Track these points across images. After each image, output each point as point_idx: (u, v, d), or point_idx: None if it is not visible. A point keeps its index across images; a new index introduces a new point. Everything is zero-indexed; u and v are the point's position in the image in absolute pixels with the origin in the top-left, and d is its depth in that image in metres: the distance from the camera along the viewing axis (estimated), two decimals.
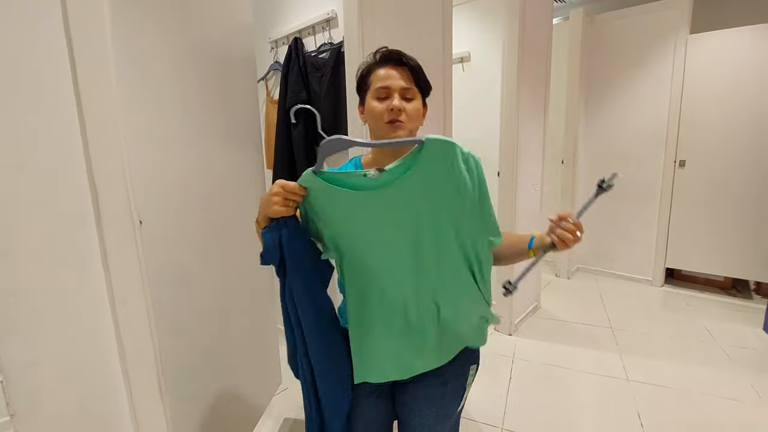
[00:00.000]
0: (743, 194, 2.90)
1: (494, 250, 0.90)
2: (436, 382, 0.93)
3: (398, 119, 0.87)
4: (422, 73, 0.93)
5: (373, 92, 0.89)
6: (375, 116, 0.89)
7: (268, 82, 2.21)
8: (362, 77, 0.93)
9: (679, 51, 3.00)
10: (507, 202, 2.46)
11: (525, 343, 2.47)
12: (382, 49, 0.92)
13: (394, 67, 0.89)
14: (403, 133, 0.88)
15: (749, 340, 2.46)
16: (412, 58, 0.91)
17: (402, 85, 0.88)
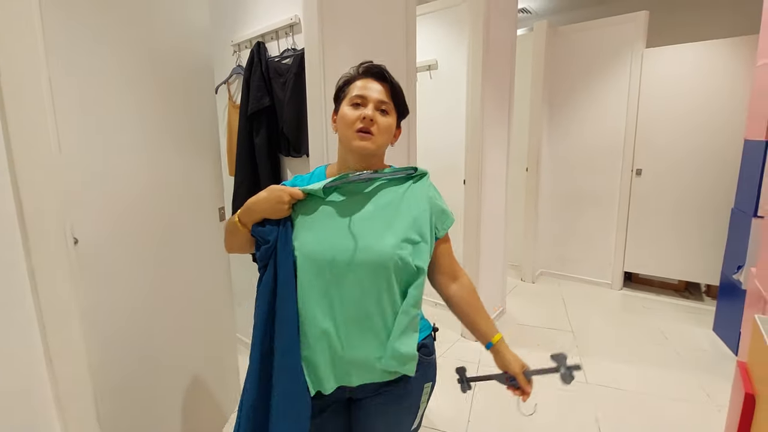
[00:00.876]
0: (695, 202, 3.06)
1: (456, 297, 0.96)
2: (389, 398, 0.92)
3: (369, 130, 0.85)
4: (402, 94, 0.91)
5: (348, 99, 0.87)
6: (346, 123, 0.86)
7: (230, 86, 2.14)
8: (341, 87, 0.92)
9: (635, 64, 3.13)
10: (473, 210, 2.49)
11: None
12: (365, 63, 0.90)
13: (375, 81, 0.88)
14: (371, 147, 0.86)
15: (700, 342, 2.58)
16: (392, 77, 0.90)
17: (380, 98, 0.86)
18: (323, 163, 1.47)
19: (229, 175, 2.12)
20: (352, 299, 0.83)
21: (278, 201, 0.84)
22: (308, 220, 0.86)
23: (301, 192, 0.85)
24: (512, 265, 3.85)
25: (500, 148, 2.70)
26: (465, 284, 0.98)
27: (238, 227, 0.89)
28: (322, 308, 0.84)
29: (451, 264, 0.97)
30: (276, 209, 0.85)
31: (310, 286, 0.84)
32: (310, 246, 0.84)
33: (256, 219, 0.87)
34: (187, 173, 1.37)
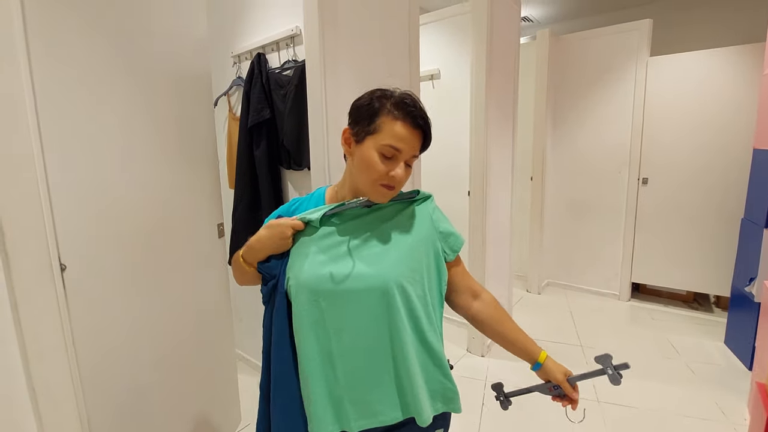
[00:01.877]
0: (703, 211, 3.01)
1: (482, 315, 0.90)
2: None
3: (392, 186, 0.79)
4: (430, 139, 0.83)
5: (380, 145, 0.77)
6: (370, 171, 0.77)
7: (230, 98, 2.11)
8: (372, 115, 0.78)
9: (640, 72, 3.10)
10: (477, 221, 2.44)
11: (497, 365, 2.43)
12: (406, 98, 0.78)
13: (411, 129, 0.78)
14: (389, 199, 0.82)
15: (712, 356, 2.51)
16: (427, 118, 0.82)
17: (413, 153, 0.79)
18: (324, 176, 1.43)
19: (229, 188, 2.08)
20: (353, 332, 0.77)
21: (282, 237, 0.80)
22: (304, 248, 0.81)
23: (302, 223, 0.81)
24: (518, 275, 3.79)
25: (505, 159, 2.66)
26: (488, 300, 0.92)
27: (244, 267, 0.85)
28: (319, 342, 0.78)
29: (469, 282, 0.92)
30: (281, 245, 0.82)
31: (306, 317, 0.78)
32: (305, 274, 0.78)
33: (261, 258, 0.84)
34: (183, 189, 1.32)
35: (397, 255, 0.79)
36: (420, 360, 0.79)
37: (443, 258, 0.86)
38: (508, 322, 0.91)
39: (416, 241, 0.82)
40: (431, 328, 0.80)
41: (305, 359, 0.78)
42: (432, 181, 2.74)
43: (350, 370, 0.77)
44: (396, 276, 0.77)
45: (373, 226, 0.83)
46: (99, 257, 0.99)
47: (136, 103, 1.15)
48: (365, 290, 0.76)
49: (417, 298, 0.79)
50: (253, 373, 2.32)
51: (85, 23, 1.00)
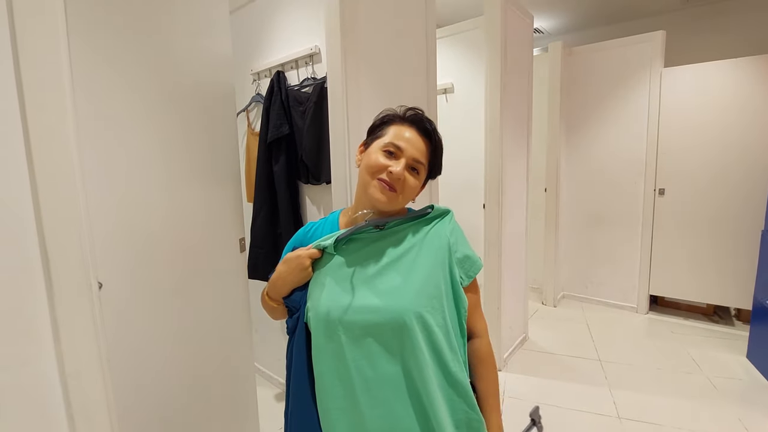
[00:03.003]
0: (721, 222, 2.96)
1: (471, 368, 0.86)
2: None
3: (394, 187, 0.80)
4: (440, 153, 0.86)
5: (383, 144, 0.81)
6: (369, 165, 0.81)
7: (249, 114, 2.15)
8: (381, 123, 0.86)
9: (654, 83, 3.09)
10: (493, 234, 2.43)
11: (514, 379, 2.41)
12: (415, 110, 0.85)
13: (417, 134, 0.82)
14: (390, 205, 0.81)
15: (734, 370, 2.46)
16: (439, 134, 0.85)
17: (417, 156, 0.81)
18: (345, 190, 1.45)
19: (247, 201, 2.11)
20: (374, 365, 0.75)
21: (301, 269, 0.81)
22: (320, 278, 0.81)
23: (318, 251, 0.82)
24: (533, 288, 3.75)
25: (520, 172, 2.66)
26: (478, 348, 0.86)
27: (272, 305, 0.87)
28: (339, 375, 0.76)
29: (472, 320, 0.87)
30: (301, 277, 0.82)
31: (324, 350, 0.77)
32: (322, 306, 0.77)
33: (285, 293, 0.84)
34: (208, 205, 1.35)
35: (414, 284, 0.77)
36: (444, 392, 0.77)
37: (460, 284, 0.83)
38: (487, 383, 0.85)
39: (434, 267, 0.80)
40: (454, 358, 0.78)
41: (325, 392, 0.77)
42: (447, 194, 2.74)
43: (373, 405, 0.75)
44: (415, 307, 0.75)
45: (390, 252, 0.81)
46: (131, 275, 1.01)
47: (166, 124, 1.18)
48: (384, 323, 0.75)
49: (438, 327, 0.76)
50: (265, 384, 2.32)
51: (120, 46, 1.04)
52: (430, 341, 0.76)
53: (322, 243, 0.81)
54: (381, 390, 0.76)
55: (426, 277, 0.79)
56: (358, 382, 0.75)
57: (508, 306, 2.58)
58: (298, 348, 0.81)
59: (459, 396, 0.78)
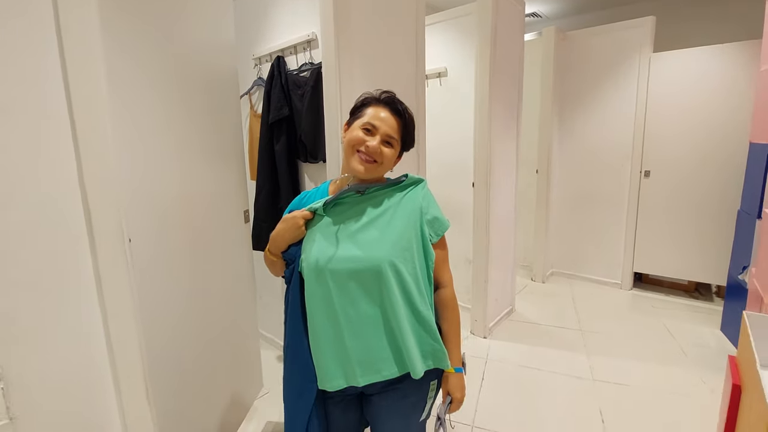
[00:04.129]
0: (704, 203, 3.10)
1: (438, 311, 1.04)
2: (397, 395, 1.01)
3: (374, 159, 0.96)
4: (412, 129, 1.02)
5: (361, 122, 0.98)
6: (352, 141, 0.97)
7: (251, 97, 2.28)
8: (361, 105, 1.02)
9: (643, 68, 3.18)
10: (481, 211, 2.58)
11: (498, 345, 2.59)
12: (389, 93, 1.01)
13: (391, 113, 0.98)
14: (369, 174, 0.97)
15: (706, 340, 2.63)
16: (409, 112, 1.02)
17: (389, 132, 0.97)
18: (338, 167, 1.60)
19: (250, 179, 2.26)
20: (355, 305, 0.92)
21: (296, 227, 0.97)
22: (312, 235, 0.98)
23: (310, 213, 0.98)
24: (523, 265, 3.92)
25: (509, 152, 2.79)
26: (444, 295, 1.04)
27: (272, 259, 1.03)
28: (327, 314, 0.93)
29: (439, 269, 1.04)
30: (296, 234, 0.98)
31: (315, 294, 0.94)
32: (312, 258, 0.94)
33: (283, 248, 1.00)
34: (215, 179, 1.50)
35: (390, 238, 0.95)
36: (412, 327, 0.94)
37: (429, 241, 1.00)
38: (450, 325, 1.04)
39: (407, 225, 0.98)
40: (422, 300, 0.96)
41: (316, 328, 0.95)
42: (439, 173, 2.89)
43: (355, 337, 0.93)
44: (390, 257, 0.92)
45: (369, 213, 0.99)
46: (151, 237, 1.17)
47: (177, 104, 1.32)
48: (364, 270, 0.92)
49: (408, 275, 0.94)
50: (268, 347, 2.52)
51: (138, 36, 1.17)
52: (401, 286, 0.93)
53: (313, 206, 0.98)
54: (361, 326, 0.93)
55: (400, 233, 0.96)
56: (343, 319, 0.93)
57: (496, 279, 2.75)
58: (293, 293, 0.98)
59: (426, 331, 0.95)
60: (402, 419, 1.03)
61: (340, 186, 1.02)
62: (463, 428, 1.86)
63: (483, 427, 1.87)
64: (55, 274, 0.83)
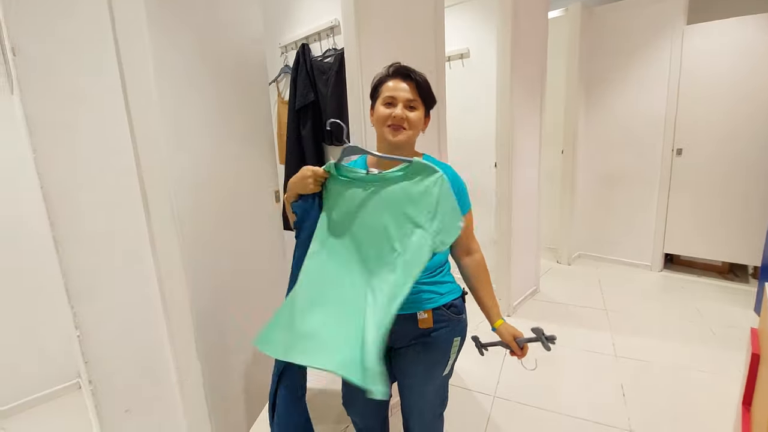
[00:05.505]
0: (738, 181, 2.99)
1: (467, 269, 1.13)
2: (422, 348, 1.09)
3: (401, 126, 1.03)
4: (427, 88, 1.08)
5: (381, 99, 1.05)
6: (379, 119, 1.05)
7: (278, 84, 2.39)
8: (375, 87, 1.09)
9: (675, 42, 3.07)
10: (504, 192, 2.61)
11: (521, 323, 2.58)
12: (395, 64, 1.08)
13: (402, 80, 1.05)
14: (403, 137, 1.04)
15: (738, 321, 2.57)
16: (420, 75, 1.07)
17: (407, 96, 1.03)
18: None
19: (279, 163, 2.38)
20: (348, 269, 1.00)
21: (303, 177, 1.03)
22: (328, 211, 1.05)
23: (323, 170, 1.03)
24: (549, 247, 3.91)
25: (532, 132, 2.78)
26: (476, 259, 1.13)
27: (287, 203, 1.11)
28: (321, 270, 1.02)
29: (467, 240, 1.11)
30: (303, 184, 1.04)
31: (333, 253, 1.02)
32: (322, 229, 1.03)
33: (292, 195, 1.08)
34: (247, 160, 1.62)
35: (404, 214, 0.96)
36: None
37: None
38: (484, 285, 1.13)
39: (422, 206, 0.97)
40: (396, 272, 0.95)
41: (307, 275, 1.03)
42: (462, 155, 2.92)
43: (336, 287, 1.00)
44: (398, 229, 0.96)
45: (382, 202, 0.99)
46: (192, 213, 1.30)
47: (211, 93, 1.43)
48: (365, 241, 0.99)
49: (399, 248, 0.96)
50: None
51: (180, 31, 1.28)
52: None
53: (325, 166, 1.05)
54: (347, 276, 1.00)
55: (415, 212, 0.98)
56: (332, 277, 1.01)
57: (519, 259, 2.77)
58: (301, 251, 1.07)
59: None
60: (426, 372, 1.11)
61: (379, 160, 1.07)
62: (485, 398, 1.94)
63: (504, 397, 1.94)
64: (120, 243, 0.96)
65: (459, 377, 2.09)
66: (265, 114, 1.75)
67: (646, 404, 1.85)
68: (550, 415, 1.81)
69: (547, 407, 1.86)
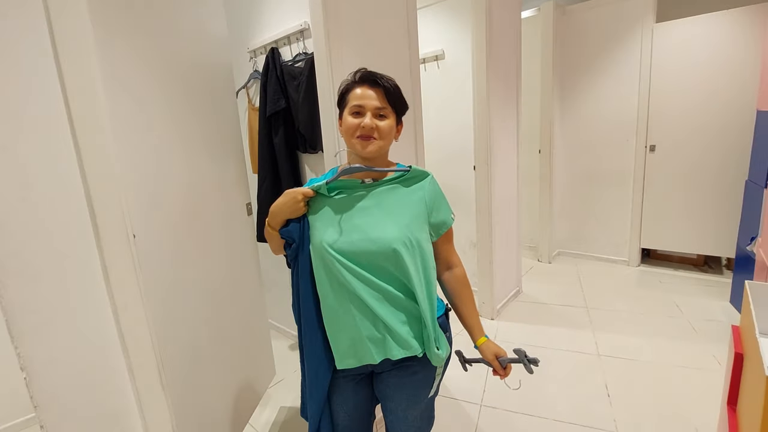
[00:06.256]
0: (711, 175, 3.06)
1: (448, 285, 1.09)
2: (406, 372, 1.04)
3: (371, 136, 0.96)
4: (397, 94, 1.00)
5: (349, 109, 0.97)
6: (348, 130, 0.98)
7: (249, 90, 2.29)
8: (342, 95, 1.01)
9: (646, 39, 3.12)
10: (483, 194, 2.58)
11: (506, 326, 2.62)
12: (361, 70, 1.00)
13: (369, 88, 0.97)
14: (374, 148, 0.97)
15: (715, 313, 2.62)
16: (388, 80, 0.99)
17: (375, 104, 0.96)
18: (336, 158, 1.61)
19: (252, 173, 2.29)
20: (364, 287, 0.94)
21: (294, 201, 0.97)
22: (319, 222, 0.99)
23: (311, 190, 0.98)
24: (529, 246, 3.92)
25: (509, 133, 2.77)
26: (456, 275, 1.09)
27: (270, 232, 1.03)
28: (336, 296, 0.96)
29: (447, 255, 1.09)
30: (294, 209, 0.98)
31: (325, 277, 0.97)
32: (319, 243, 0.96)
33: (280, 221, 1.00)
34: (217, 173, 1.52)
35: (400, 221, 0.96)
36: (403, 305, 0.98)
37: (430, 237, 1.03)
38: (466, 303, 1.09)
39: (412, 217, 0.98)
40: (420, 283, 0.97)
41: (329, 311, 0.98)
42: (440, 158, 2.88)
43: (365, 317, 0.96)
44: (401, 237, 0.94)
45: (375, 198, 0.99)
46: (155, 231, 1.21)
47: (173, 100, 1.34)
48: (375, 251, 0.93)
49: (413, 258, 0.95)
50: (280, 337, 2.58)
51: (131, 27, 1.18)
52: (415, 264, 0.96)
53: (315, 185, 0.99)
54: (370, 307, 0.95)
55: (407, 222, 0.97)
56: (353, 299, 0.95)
57: (501, 261, 2.76)
58: (303, 280, 1.00)
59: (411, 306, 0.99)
60: (411, 395, 1.06)
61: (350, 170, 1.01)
62: (472, 407, 1.90)
63: (491, 405, 1.91)
64: (64, 271, 0.86)
65: (445, 387, 2.04)
66: (233, 122, 1.66)
67: (631, 404, 1.84)
68: (538, 422, 1.79)
69: (534, 413, 1.83)
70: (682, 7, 3.25)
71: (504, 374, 1.06)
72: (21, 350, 0.82)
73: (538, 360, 1.02)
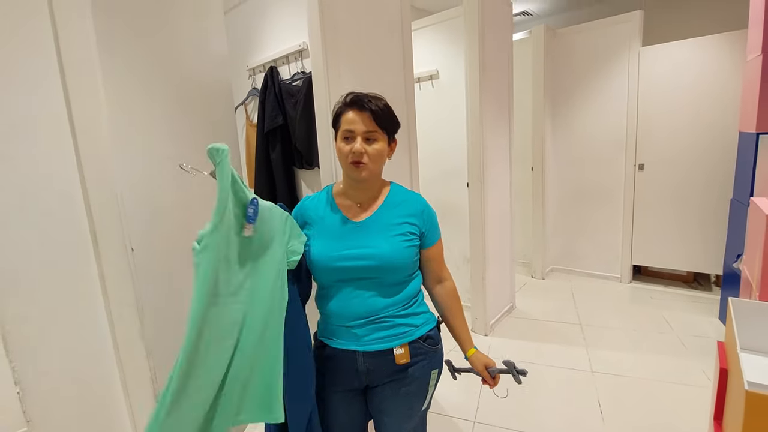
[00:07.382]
0: (699, 193, 3.13)
1: (438, 298, 1.14)
2: (399, 385, 1.05)
3: (360, 161, 0.99)
4: (386, 116, 1.02)
5: (340, 134, 1.01)
6: (341, 156, 1.02)
7: (247, 107, 2.34)
8: (335, 118, 1.05)
9: (633, 62, 3.23)
10: (477, 211, 2.63)
11: (499, 342, 2.63)
12: (350, 94, 1.03)
13: (358, 112, 0.99)
14: (365, 174, 1.01)
15: (704, 329, 2.66)
16: (377, 102, 1.02)
17: (364, 129, 0.98)
18: (331, 173, 1.64)
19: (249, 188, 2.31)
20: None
21: None
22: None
23: None
24: (522, 262, 3.96)
25: (502, 150, 2.83)
26: (447, 288, 1.13)
27: None
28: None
29: (439, 268, 1.12)
30: None
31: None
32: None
33: None
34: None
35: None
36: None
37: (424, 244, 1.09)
38: (456, 315, 1.13)
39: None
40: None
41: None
42: (434, 175, 2.93)
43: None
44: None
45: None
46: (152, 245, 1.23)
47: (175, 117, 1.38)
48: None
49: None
50: None
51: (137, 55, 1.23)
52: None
53: None
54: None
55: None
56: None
57: (494, 277, 2.78)
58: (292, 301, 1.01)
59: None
60: (404, 408, 1.07)
61: (344, 190, 1.07)
62: (465, 424, 1.90)
63: (484, 422, 1.91)
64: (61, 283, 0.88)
65: (437, 404, 2.04)
66: (231, 138, 1.70)
67: (623, 421, 1.85)
68: None
69: (527, 430, 1.84)
70: (667, 32, 3.38)
71: (493, 384, 1.08)
72: (15, 364, 0.83)
73: (526, 371, 1.05)
